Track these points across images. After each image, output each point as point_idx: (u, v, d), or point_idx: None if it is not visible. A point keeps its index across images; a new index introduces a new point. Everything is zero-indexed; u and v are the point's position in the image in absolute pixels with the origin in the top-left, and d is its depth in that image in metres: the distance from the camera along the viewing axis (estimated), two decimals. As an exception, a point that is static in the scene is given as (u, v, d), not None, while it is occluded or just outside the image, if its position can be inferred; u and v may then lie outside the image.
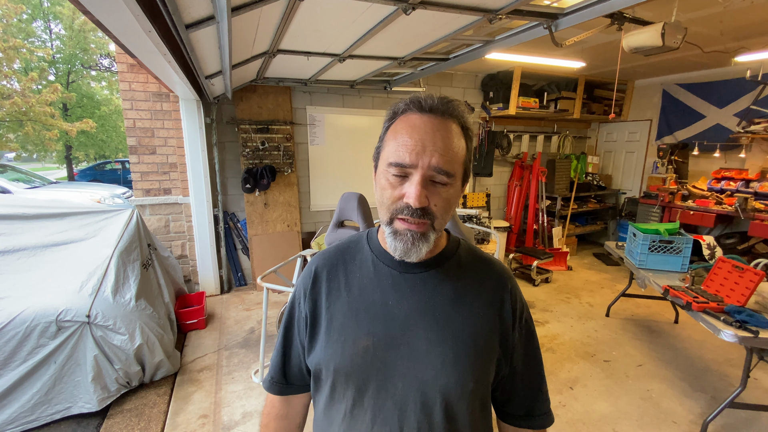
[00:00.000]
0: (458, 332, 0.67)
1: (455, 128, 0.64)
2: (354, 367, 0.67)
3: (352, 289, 0.72)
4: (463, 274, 0.72)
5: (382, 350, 0.67)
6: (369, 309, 0.69)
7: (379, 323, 0.68)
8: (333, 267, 0.75)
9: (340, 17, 2.13)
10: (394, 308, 0.69)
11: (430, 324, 0.67)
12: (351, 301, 0.71)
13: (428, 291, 0.69)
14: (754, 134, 4.07)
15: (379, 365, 0.67)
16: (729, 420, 2.35)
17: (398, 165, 0.61)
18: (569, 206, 5.40)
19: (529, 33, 2.45)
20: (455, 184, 0.64)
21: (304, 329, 0.75)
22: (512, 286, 0.74)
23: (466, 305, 0.69)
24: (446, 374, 0.65)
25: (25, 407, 2.16)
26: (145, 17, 1.34)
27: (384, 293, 0.70)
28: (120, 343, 2.36)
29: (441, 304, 0.69)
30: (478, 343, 0.68)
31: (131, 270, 2.65)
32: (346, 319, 0.70)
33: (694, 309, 2.19)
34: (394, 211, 0.63)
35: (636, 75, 5.15)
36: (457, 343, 0.67)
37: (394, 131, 0.65)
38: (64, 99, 11.87)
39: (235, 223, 4.34)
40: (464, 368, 0.66)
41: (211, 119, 3.98)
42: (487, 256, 0.78)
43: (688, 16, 2.76)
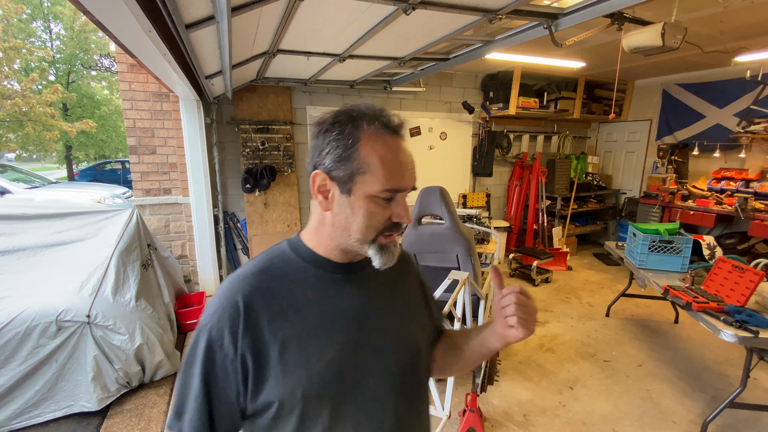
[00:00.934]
0: (405, 312, 0.79)
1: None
2: (325, 383, 0.65)
3: (298, 306, 0.67)
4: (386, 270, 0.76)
5: (347, 356, 0.67)
6: (324, 320, 0.68)
7: (338, 330, 0.68)
8: (266, 292, 0.67)
9: (340, 17, 2.13)
10: (348, 311, 0.70)
11: (382, 315, 0.74)
12: (302, 319, 0.66)
13: (373, 286, 0.75)
14: (754, 134, 4.07)
15: (349, 370, 0.67)
16: (729, 420, 2.35)
17: (395, 191, 0.65)
18: (569, 206, 5.40)
19: (529, 33, 2.45)
20: None
21: (239, 373, 0.63)
22: (416, 266, 0.90)
23: (401, 288, 0.81)
24: (407, 353, 0.75)
25: (26, 405, 2.17)
26: (145, 17, 1.34)
27: (334, 300, 0.70)
28: (120, 343, 2.36)
29: (385, 294, 0.77)
30: (418, 314, 0.83)
31: (131, 270, 2.65)
32: (302, 338, 0.65)
33: (694, 309, 2.19)
34: (381, 229, 0.66)
35: (636, 75, 5.15)
36: (407, 321, 0.78)
37: (375, 154, 0.63)
38: (64, 99, 11.87)
39: (235, 223, 4.34)
40: (418, 339, 0.79)
41: (211, 119, 3.98)
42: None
43: (688, 16, 2.76)
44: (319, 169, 0.66)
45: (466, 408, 2.05)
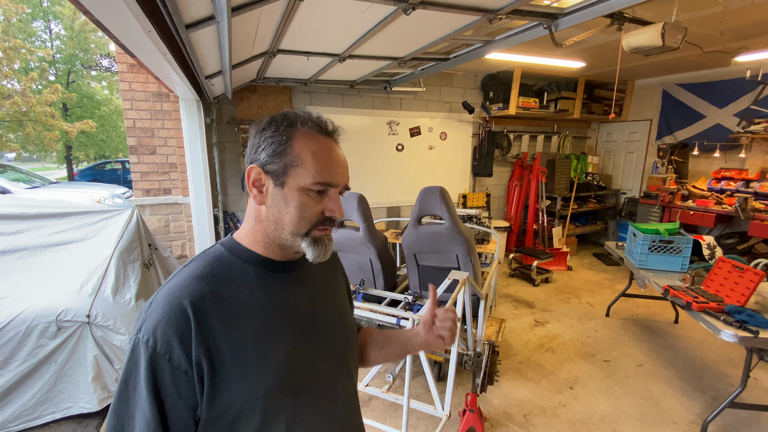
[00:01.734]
0: (340, 303, 0.87)
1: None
2: (285, 376, 0.67)
3: (248, 306, 0.66)
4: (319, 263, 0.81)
5: (301, 347, 0.71)
6: (275, 317, 0.69)
7: (288, 325, 0.71)
8: (213, 295, 0.64)
9: (340, 17, 2.13)
10: (297, 305, 0.73)
11: (326, 305, 0.81)
12: (254, 319, 0.66)
13: (314, 279, 0.80)
14: (754, 134, 4.07)
15: (304, 360, 0.71)
16: (729, 420, 2.35)
17: (326, 185, 0.69)
18: (569, 206, 5.40)
19: (529, 33, 2.46)
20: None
21: (191, 382, 0.60)
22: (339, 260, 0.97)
23: (334, 282, 0.88)
24: (347, 335, 0.84)
25: (26, 405, 2.17)
26: (145, 17, 1.34)
27: (281, 297, 0.72)
28: (120, 343, 2.36)
29: (323, 287, 0.83)
30: (348, 304, 0.93)
31: (131, 270, 2.65)
32: (258, 338, 0.66)
33: (694, 309, 2.19)
34: (315, 223, 0.70)
35: (636, 75, 5.15)
36: (344, 309, 0.87)
37: (308, 150, 0.68)
38: (64, 99, 11.87)
39: (235, 223, 4.34)
40: (351, 321, 0.88)
41: (211, 119, 3.98)
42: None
43: (688, 16, 2.76)
44: (254, 164, 0.69)
45: (466, 408, 2.05)
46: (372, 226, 2.64)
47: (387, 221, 4.85)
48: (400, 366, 2.38)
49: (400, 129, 4.96)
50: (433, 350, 2.55)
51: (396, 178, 5.06)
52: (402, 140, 5.00)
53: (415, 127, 5.03)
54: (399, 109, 4.90)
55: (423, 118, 5.05)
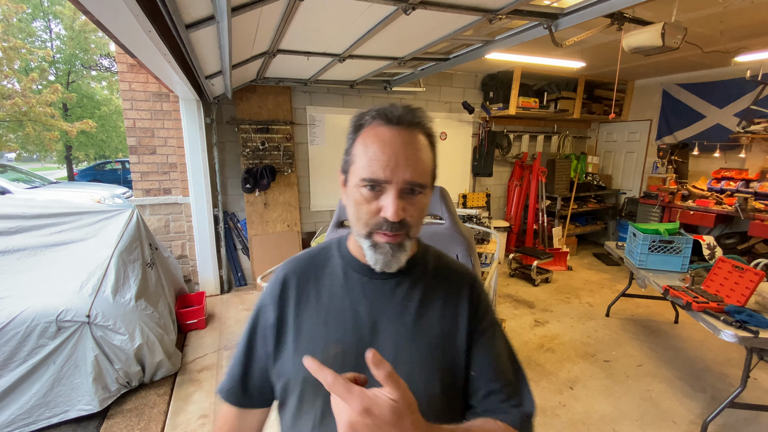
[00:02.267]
0: (426, 338, 0.68)
1: (422, 139, 0.65)
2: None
3: (321, 296, 0.72)
4: (430, 280, 0.73)
5: (352, 357, 0.66)
6: (338, 316, 0.70)
7: (349, 330, 0.68)
8: (303, 274, 0.74)
9: (340, 17, 2.13)
10: (363, 315, 0.69)
11: (399, 330, 0.68)
12: (320, 309, 0.70)
13: (398, 297, 0.70)
14: (754, 134, 4.07)
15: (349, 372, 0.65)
16: (729, 420, 2.35)
17: (372, 181, 0.62)
18: (569, 206, 5.40)
19: (529, 33, 2.46)
20: (426, 193, 0.66)
21: (270, 338, 0.72)
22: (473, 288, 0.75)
23: (433, 310, 0.70)
24: (413, 380, 0.64)
25: (23, 409, 2.16)
26: (145, 17, 1.34)
27: (354, 300, 0.70)
28: (120, 343, 2.36)
29: (409, 309, 0.70)
30: (445, 348, 0.68)
31: (131, 270, 2.65)
32: (316, 326, 0.69)
33: (694, 309, 2.19)
34: (373, 225, 0.64)
35: (636, 75, 5.15)
36: (425, 348, 0.67)
37: (363, 145, 0.65)
38: (64, 99, 11.87)
39: (235, 223, 4.34)
40: (431, 373, 0.66)
41: (211, 119, 3.98)
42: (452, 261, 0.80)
43: (688, 16, 2.76)
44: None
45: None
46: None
47: (387, 221, 4.84)
48: (400, 366, 2.38)
49: (400, 129, 4.95)
50: None
51: (396, 178, 5.05)
52: (402, 140, 4.99)
53: (415, 127, 5.02)
54: (399, 109, 4.90)
55: (423, 118, 5.04)
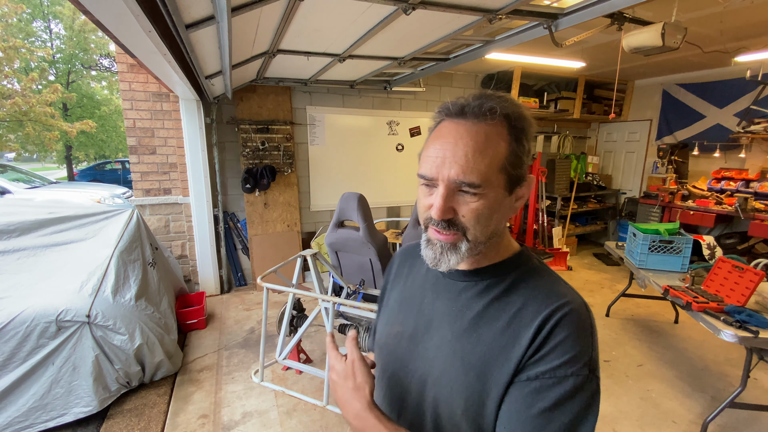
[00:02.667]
0: (466, 352, 0.62)
1: (489, 130, 0.59)
2: (383, 348, 0.75)
3: (408, 279, 0.78)
4: (503, 296, 0.64)
5: (406, 341, 0.71)
6: (410, 301, 0.75)
7: (411, 317, 0.72)
8: (405, 258, 0.84)
9: (340, 17, 2.13)
10: (426, 306, 0.71)
11: (445, 333, 0.66)
12: (403, 291, 0.78)
13: (460, 301, 0.67)
14: (754, 134, 4.06)
15: (400, 354, 0.71)
16: (729, 420, 2.35)
17: (422, 177, 0.62)
18: (569, 206, 5.40)
19: (529, 33, 2.46)
20: (487, 194, 0.59)
21: (378, 304, 0.86)
22: (557, 324, 0.57)
23: (488, 328, 0.62)
24: (440, 387, 0.63)
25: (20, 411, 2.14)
26: (145, 17, 1.34)
27: (424, 291, 0.73)
28: (120, 343, 2.36)
29: (464, 318, 0.65)
30: (484, 372, 0.59)
31: (131, 270, 2.65)
32: (395, 304, 0.78)
33: (694, 309, 2.19)
34: (425, 219, 0.65)
35: (636, 75, 5.15)
36: (460, 363, 0.62)
37: (428, 141, 0.65)
38: (64, 99, 11.87)
39: (235, 223, 4.34)
40: (458, 389, 0.61)
41: (211, 119, 3.98)
42: (546, 283, 0.64)
43: (688, 16, 2.76)
44: None
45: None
46: (372, 226, 2.64)
47: (387, 221, 4.85)
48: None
49: (400, 129, 4.96)
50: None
51: (396, 178, 5.06)
52: (402, 140, 5.00)
53: (415, 127, 5.03)
54: (399, 109, 4.90)
55: (423, 118, 5.04)
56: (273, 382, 2.63)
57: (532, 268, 0.67)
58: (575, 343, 0.56)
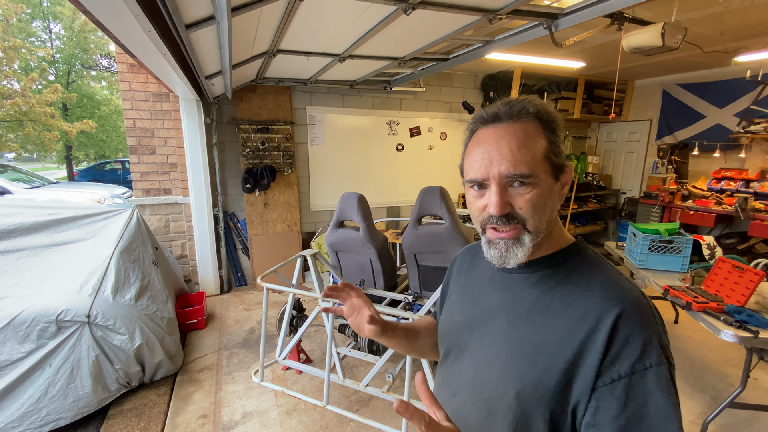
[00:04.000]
0: (520, 341, 0.65)
1: (526, 127, 0.64)
2: (444, 336, 0.81)
3: (469, 273, 0.83)
4: (557, 286, 0.66)
5: (464, 329, 0.76)
6: (470, 293, 0.80)
7: (470, 308, 0.77)
8: (466, 255, 0.89)
9: (340, 17, 2.14)
10: (483, 298, 0.75)
11: (500, 323, 0.69)
12: (464, 285, 0.83)
13: (514, 291, 0.70)
14: (754, 134, 4.06)
15: (459, 341, 0.76)
16: (729, 420, 2.35)
17: (473, 181, 0.67)
18: (569, 206, 5.40)
19: (529, 33, 2.46)
20: (538, 182, 0.63)
21: (443, 296, 0.92)
22: (620, 318, 0.57)
23: (542, 318, 0.64)
24: (494, 371, 0.67)
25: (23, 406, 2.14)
26: (145, 17, 1.34)
27: (482, 283, 0.78)
28: (120, 343, 2.36)
29: (519, 308, 0.68)
30: (536, 359, 0.62)
31: (131, 270, 2.65)
32: (457, 297, 0.84)
33: (694, 309, 2.19)
34: (482, 221, 0.67)
35: (636, 75, 5.15)
36: (513, 350, 0.65)
37: (468, 150, 0.70)
38: (64, 99, 11.87)
39: (235, 223, 4.34)
40: (510, 374, 0.64)
41: (211, 119, 3.98)
42: (603, 276, 0.64)
43: (688, 16, 2.76)
44: None
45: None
46: (372, 226, 2.64)
47: (387, 221, 4.84)
48: (400, 366, 2.38)
49: (400, 129, 4.96)
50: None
51: (396, 178, 5.06)
52: (402, 140, 5.00)
53: (415, 127, 5.03)
54: (399, 109, 4.90)
55: (423, 118, 5.05)
56: (273, 382, 2.63)
57: (586, 259, 0.68)
58: (644, 334, 0.57)
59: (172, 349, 2.73)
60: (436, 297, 2.14)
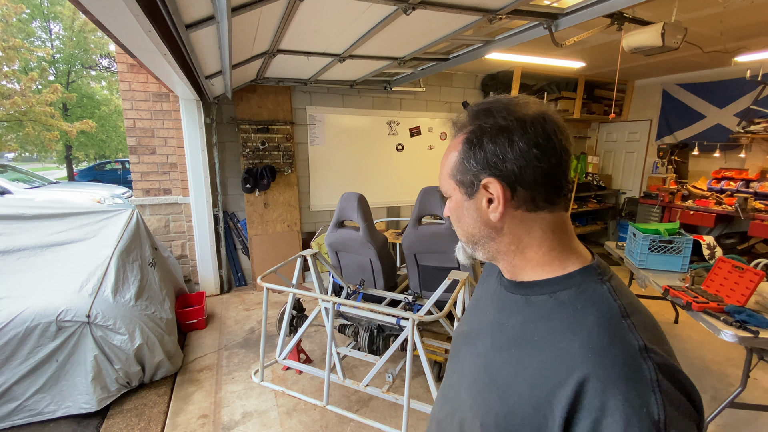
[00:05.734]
0: (496, 371, 0.59)
1: (452, 143, 0.67)
2: (453, 342, 0.82)
3: (483, 286, 0.82)
4: (543, 318, 0.57)
5: (463, 341, 0.76)
6: (477, 305, 0.79)
7: (472, 318, 0.77)
8: (488, 266, 0.85)
9: (340, 17, 2.13)
10: (482, 312, 0.74)
11: (486, 344, 0.65)
12: (478, 293, 0.83)
13: (504, 314, 0.65)
14: (754, 134, 4.06)
15: (456, 352, 0.77)
16: (729, 420, 2.35)
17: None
18: (569, 206, 5.40)
19: (529, 33, 2.46)
20: (451, 198, 0.67)
21: None
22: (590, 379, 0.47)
23: (520, 351, 0.57)
24: (467, 396, 0.64)
25: (28, 402, 2.17)
26: (145, 17, 1.34)
27: (487, 298, 0.77)
28: (120, 343, 2.36)
29: (504, 332, 0.62)
30: (506, 397, 0.55)
31: (131, 270, 2.65)
32: (469, 306, 0.83)
33: (694, 309, 2.19)
34: None
35: (636, 75, 5.15)
36: (488, 379, 0.60)
37: None
38: (64, 99, 11.87)
39: (235, 223, 4.34)
40: (480, 404, 0.60)
41: (211, 119, 3.98)
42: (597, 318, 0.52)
43: (688, 16, 2.76)
44: None
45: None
46: (372, 226, 2.64)
47: (387, 221, 4.85)
48: (400, 366, 2.38)
49: (400, 129, 4.96)
50: (433, 350, 2.55)
51: (396, 178, 5.06)
52: (402, 140, 5.00)
53: (415, 127, 5.03)
54: (399, 109, 4.90)
55: (423, 118, 5.05)
56: (273, 382, 2.63)
57: (586, 293, 0.56)
58: (626, 407, 0.44)
59: (171, 349, 2.73)
60: (436, 297, 2.14)
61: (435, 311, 2.12)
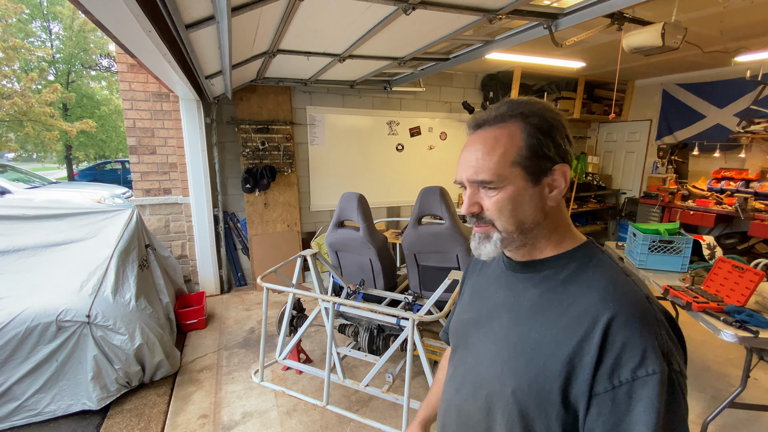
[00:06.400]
0: (519, 339, 0.66)
1: (500, 133, 0.66)
2: (454, 333, 0.85)
3: (480, 274, 0.86)
4: (559, 286, 0.66)
5: (471, 326, 0.79)
6: (479, 292, 0.82)
7: (478, 305, 0.80)
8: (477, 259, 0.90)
9: (340, 17, 2.14)
10: (490, 296, 0.78)
11: (503, 321, 0.71)
12: (475, 284, 0.86)
13: (518, 291, 0.71)
14: (754, 134, 4.06)
15: (465, 338, 0.79)
16: (729, 420, 2.35)
17: (457, 182, 0.73)
18: (569, 206, 5.40)
19: (529, 33, 2.46)
20: (505, 187, 0.66)
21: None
22: (614, 321, 0.57)
23: (542, 318, 0.65)
24: (493, 367, 0.69)
25: (28, 402, 2.17)
26: (145, 17, 1.34)
27: (490, 283, 0.80)
28: (120, 343, 2.36)
29: (521, 307, 0.69)
30: (534, 359, 0.62)
31: (131, 270, 2.65)
32: (467, 295, 0.86)
33: (694, 309, 2.19)
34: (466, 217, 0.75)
35: (636, 75, 5.15)
36: (512, 349, 0.67)
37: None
38: (64, 99, 11.88)
39: (235, 223, 4.34)
40: (507, 372, 0.65)
41: (211, 119, 3.98)
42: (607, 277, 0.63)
43: (688, 16, 2.76)
44: None
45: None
46: (372, 226, 2.64)
47: (387, 221, 4.84)
48: (400, 366, 2.38)
49: (400, 129, 4.96)
50: (433, 350, 2.55)
51: (396, 178, 5.06)
52: (402, 140, 5.00)
53: (415, 127, 5.03)
54: (399, 109, 4.90)
55: (423, 118, 5.05)
56: (273, 382, 2.63)
57: (593, 260, 0.67)
58: (642, 339, 0.55)
59: (170, 348, 2.73)
60: (436, 297, 2.14)
61: (435, 311, 2.12)
